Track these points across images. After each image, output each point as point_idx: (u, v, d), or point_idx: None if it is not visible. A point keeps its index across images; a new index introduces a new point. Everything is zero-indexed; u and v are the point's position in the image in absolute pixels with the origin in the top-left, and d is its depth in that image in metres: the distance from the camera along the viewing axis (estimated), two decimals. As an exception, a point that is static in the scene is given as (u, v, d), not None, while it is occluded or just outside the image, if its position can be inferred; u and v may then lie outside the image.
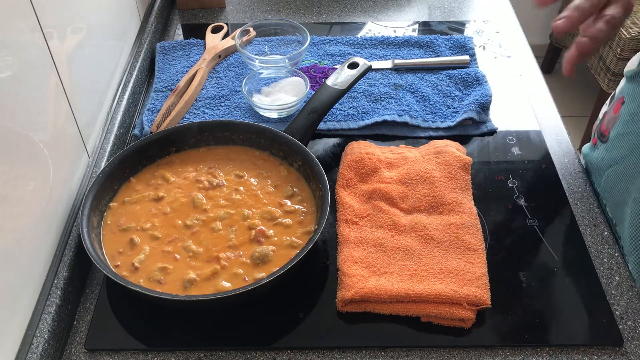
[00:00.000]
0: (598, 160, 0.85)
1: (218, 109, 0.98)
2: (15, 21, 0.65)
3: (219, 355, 0.68)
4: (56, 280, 0.69)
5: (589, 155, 0.89)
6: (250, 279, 0.70)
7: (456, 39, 1.12)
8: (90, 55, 0.88)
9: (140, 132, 0.93)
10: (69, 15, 0.80)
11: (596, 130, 0.88)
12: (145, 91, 1.05)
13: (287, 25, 1.11)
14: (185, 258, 0.73)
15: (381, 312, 0.69)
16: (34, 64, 0.69)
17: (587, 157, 0.90)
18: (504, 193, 0.85)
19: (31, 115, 0.68)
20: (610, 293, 0.73)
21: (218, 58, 1.08)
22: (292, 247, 0.74)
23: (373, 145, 0.88)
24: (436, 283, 0.70)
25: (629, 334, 0.69)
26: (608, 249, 0.78)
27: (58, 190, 0.74)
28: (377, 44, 1.12)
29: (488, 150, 0.92)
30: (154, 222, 0.77)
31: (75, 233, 0.75)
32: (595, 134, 0.88)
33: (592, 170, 0.87)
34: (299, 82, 0.98)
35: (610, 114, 0.84)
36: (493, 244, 0.78)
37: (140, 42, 1.08)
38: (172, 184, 0.82)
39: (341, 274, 0.72)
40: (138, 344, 0.68)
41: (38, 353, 0.63)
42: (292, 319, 0.70)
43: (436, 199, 0.79)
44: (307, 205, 0.79)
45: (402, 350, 0.68)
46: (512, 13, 1.24)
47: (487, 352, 0.67)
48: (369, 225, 0.77)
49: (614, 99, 0.85)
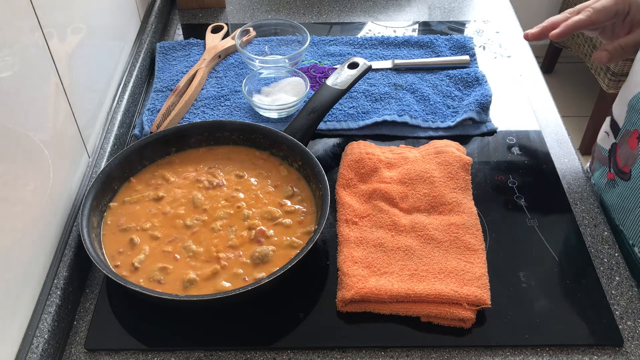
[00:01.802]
0: (621, 198, 0.79)
1: (218, 109, 0.98)
2: (15, 21, 0.65)
3: (219, 355, 0.68)
4: (56, 280, 0.69)
5: (608, 192, 0.82)
6: (250, 279, 0.70)
7: (456, 39, 1.12)
8: (90, 55, 0.88)
9: (140, 132, 0.93)
10: (69, 15, 0.80)
11: (611, 165, 0.81)
12: (145, 91, 1.05)
13: (287, 25, 1.11)
14: (185, 258, 0.73)
15: (381, 312, 0.69)
16: (34, 64, 0.69)
17: (603, 192, 0.84)
18: (504, 193, 0.85)
19: (31, 115, 0.68)
20: (610, 293, 0.73)
21: (218, 58, 1.08)
22: (292, 247, 0.74)
23: (373, 145, 0.88)
24: (436, 283, 0.70)
25: (629, 334, 0.69)
26: (608, 249, 0.78)
27: (58, 190, 0.74)
28: (377, 44, 1.12)
29: (488, 150, 0.92)
30: (154, 222, 0.77)
31: (75, 233, 0.75)
32: (611, 169, 0.81)
33: (612, 207, 0.82)
34: (299, 82, 0.98)
35: (625, 148, 0.77)
36: (493, 244, 0.78)
37: (140, 42, 1.08)
38: (172, 184, 0.82)
39: (341, 274, 0.72)
40: (138, 344, 0.68)
41: (38, 353, 0.63)
42: (292, 319, 0.70)
43: (436, 199, 0.79)
44: (307, 205, 0.79)
45: (402, 350, 0.68)
46: (512, 13, 1.24)
47: (487, 352, 0.67)
48: (369, 225, 0.77)
49: (622, 131, 0.79)
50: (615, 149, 0.80)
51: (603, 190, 0.84)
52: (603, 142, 0.85)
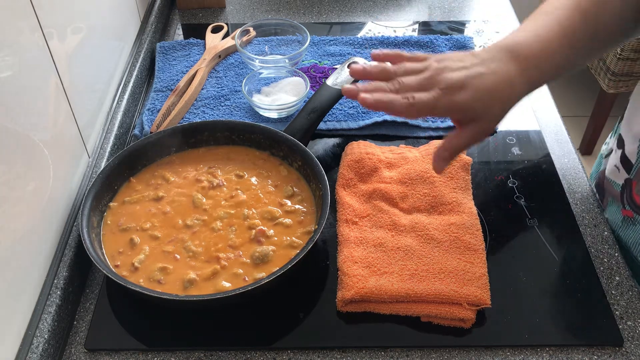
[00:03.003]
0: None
1: (218, 109, 0.98)
2: (15, 21, 0.65)
3: (219, 355, 0.68)
4: (56, 280, 0.69)
5: (626, 230, 0.78)
6: (250, 279, 0.70)
7: (456, 39, 1.12)
8: (90, 55, 0.88)
9: (140, 132, 0.93)
10: (69, 15, 0.80)
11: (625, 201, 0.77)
12: (145, 91, 1.05)
13: (287, 25, 1.11)
14: (185, 258, 0.73)
15: (381, 312, 0.69)
16: (34, 64, 0.69)
17: (619, 229, 0.79)
18: (504, 193, 0.85)
19: (31, 115, 0.68)
20: (610, 293, 0.73)
21: (218, 58, 1.08)
22: (292, 247, 0.74)
23: (373, 145, 0.88)
24: (436, 283, 0.70)
25: (629, 334, 0.69)
26: (608, 249, 0.78)
27: (58, 190, 0.74)
28: (377, 44, 1.12)
29: (488, 150, 0.92)
30: (153, 222, 0.77)
31: (75, 233, 0.75)
32: (626, 205, 0.77)
33: (633, 245, 0.77)
34: (299, 82, 0.98)
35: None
36: (493, 244, 0.78)
37: (140, 42, 1.08)
38: (172, 184, 0.82)
39: (341, 273, 0.72)
40: (138, 344, 0.68)
41: (38, 353, 0.63)
42: (292, 319, 0.70)
43: (436, 199, 0.79)
44: (307, 205, 0.79)
45: (402, 350, 0.68)
46: (512, 13, 1.24)
47: (487, 352, 0.67)
48: (369, 225, 0.77)
49: (636, 168, 0.75)
50: (631, 185, 0.76)
51: (619, 227, 0.79)
52: (614, 177, 0.81)
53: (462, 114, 0.64)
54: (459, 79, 0.63)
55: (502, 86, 0.64)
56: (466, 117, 0.64)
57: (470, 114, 0.64)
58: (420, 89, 0.63)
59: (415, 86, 0.63)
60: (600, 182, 0.85)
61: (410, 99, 0.62)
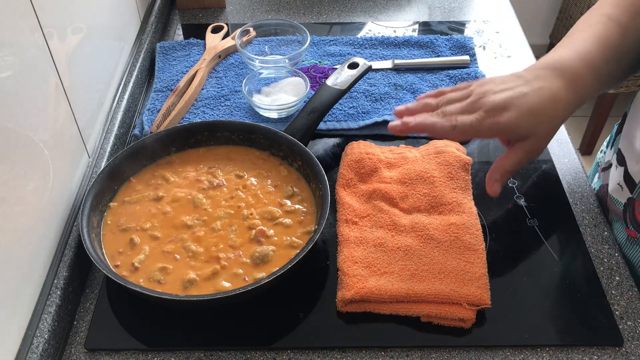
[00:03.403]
0: None
1: (218, 109, 0.98)
2: (15, 21, 0.65)
3: (219, 355, 0.68)
4: (56, 280, 0.69)
5: (630, 249, 0.77)
6: (250, 279, 0.70)
7: (456, 39, 1.12)
8: (90, 55, 0.88)
9: (140, 132, 0.93)
10: (69, 15, 0.80)
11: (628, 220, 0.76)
12: (145, 91, 1.05)
13: (287, 25, 1.11)
14: (185, 258, 0.73)
15: (381, 312, 0.69)
16: (34, 64, 0.69)
17: (624, 247, 0.79)
18: (504, 193, 0.85)
19: (31, 115, 0.68)
20: (610, 293, 0.73)
21: (218, 58, 1.08)
22: (292, 247, 0.74)
23: (373, 145, 0.88)
24: (436, 283, 0.70)
25: (629, 334, 0.69)
26: (608, 249, 0.78)
27: (58, 190, 0.74)
28: (377, 44, 1.12)
29: (488, 150, 0.92)
30: (153, 222, 0.77)
31: (75, 233, 0.75)
32: (629, 225, 0.76)
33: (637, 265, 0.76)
34: (299, 82, 0.98)
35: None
36: (493, 244, 0.78)
37: (140, 42, 1.08)
38: (172, 184, 0.82)
39: (341, 273, 0.72)
40: (138, 344, 0.68)
41: (38, 353, 0.63)
42: (292, 319, 0.70)
43: (436, 199, 0.79)
44: (307, 205, 0.79)
45: (402, 350, 0.68)
46: (512, 13, 1.24)
47: (487, 352, 0.67)
48: (369, 225, 0.77)
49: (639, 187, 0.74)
50: (634, 204, 0.75)
51: (623, 245, 0.78)
52: (617, 195, 0.79)
53: (508, 134, 0.66)
54: (501, 100, 0.64)
55: (546, 104, 0.65)
56: (514, 137, 0.66)
57: (517, 133, 0.65)
58: (463, 113, 0.65)
59: (459, 112, 0.65)
60: (603, 199, 0.84)
61: (453, 122, 0.64)
